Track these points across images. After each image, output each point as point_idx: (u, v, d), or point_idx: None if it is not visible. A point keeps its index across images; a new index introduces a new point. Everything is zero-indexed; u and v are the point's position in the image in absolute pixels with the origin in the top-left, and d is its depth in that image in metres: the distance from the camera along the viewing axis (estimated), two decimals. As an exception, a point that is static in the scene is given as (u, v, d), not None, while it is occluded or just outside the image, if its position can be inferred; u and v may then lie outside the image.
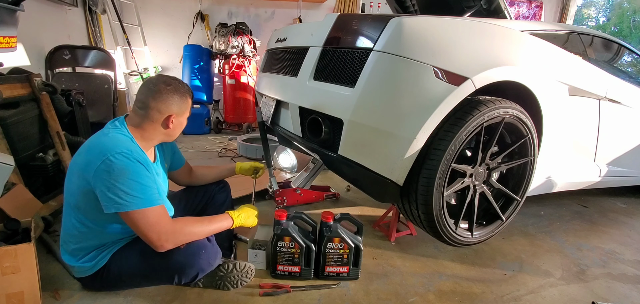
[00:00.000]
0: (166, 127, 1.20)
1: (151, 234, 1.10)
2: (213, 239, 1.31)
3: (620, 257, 1.86)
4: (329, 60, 1.50)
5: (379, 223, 1.97)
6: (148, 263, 1.20)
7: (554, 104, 1.69)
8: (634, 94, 2.16)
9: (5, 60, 2.06)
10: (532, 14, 5.49)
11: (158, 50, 4.73)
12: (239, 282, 1.35)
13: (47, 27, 3.18)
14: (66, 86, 2.47)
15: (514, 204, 1.74)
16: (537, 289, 1.51)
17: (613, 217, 2.45)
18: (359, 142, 1.40)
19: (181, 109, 1.21)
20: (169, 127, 1.21)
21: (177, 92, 1.19)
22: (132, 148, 1.12)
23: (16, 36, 1.92)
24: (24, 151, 1.78)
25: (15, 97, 1.76)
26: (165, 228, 1.11)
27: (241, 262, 1.35)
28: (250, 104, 4.53)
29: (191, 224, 1.20)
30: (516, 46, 1.55)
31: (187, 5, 4.67)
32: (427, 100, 1.31)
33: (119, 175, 1.04)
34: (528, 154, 1.66)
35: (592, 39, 2.13)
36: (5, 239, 1.26)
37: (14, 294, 1.13)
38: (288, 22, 4.94)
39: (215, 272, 1.32)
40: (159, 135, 1.22)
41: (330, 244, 1.40)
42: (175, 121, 1.21)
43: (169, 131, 1.22)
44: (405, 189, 1.48)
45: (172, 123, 1.20)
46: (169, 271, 1.21)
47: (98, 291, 1.30)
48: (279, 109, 1.91)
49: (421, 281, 1.50)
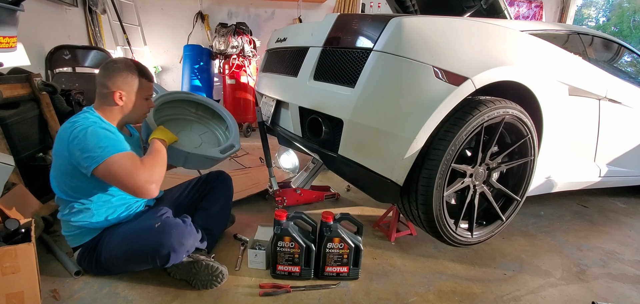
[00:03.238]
0: (116, 104, 1.27)
1: (134, 179, 1.15)
2: (188, 220, 1.34)
3: (620, 257, 1.86)
4: (329, 60, 1.50)
5: (379, 223, 1.97)
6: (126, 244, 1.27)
7: (554, 104, 1.69)
8: (634, 94, 2.16)
9: (5, 60, 2.06)
10: (532, 14, 5.49)
11: (158, 50, 4.73)
12: (209, 283, 1.33)
13: (47, 27, 3.18)
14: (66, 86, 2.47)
15: (514, 204, 1.74)
16: (537, 289, 1.51)
17: (613, 217, 2.45)
18: (359, 142, 1.40)
19: (129, 86, 1.27)
20: (118, 104, 1.27)
21: (123, 69, 1.27)
22: (96, 120, 1.23)
23: (16, 36, 1.92)
24: (24, 151, 1.77)
25: (15, 97, 1.76)
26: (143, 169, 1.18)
27: (214, 264, 1.33)
28: (250, 104, 4.53)
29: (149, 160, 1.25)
30: (516, 46, 1.55)
31: (187, 5, 4.67)
32: (427, 100, 1.31)
33: (87, 136, 1.15)
34: (528, 154, 1.66)
35: (592, 39, 2.13)
36: (5, 239, 1.26)
37: (14, 294, 1.12)
38: (288, 22, 4.94)
39: (189, 268, 1.32)
40: (116, 113, 1.30)
41: (330, 244, 1.40)
42: (126, 98, 1.28)
43: (122, 107, 1.29)
44: (405, 189, 1.48)
45: (121, 99, 1.27)
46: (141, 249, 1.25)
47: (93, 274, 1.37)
48: (279, 109, 1.91)
49: (421, 281, 1.50)
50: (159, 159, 1.27)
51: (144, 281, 1.36)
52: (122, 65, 1.28)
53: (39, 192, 1.79)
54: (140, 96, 1.31)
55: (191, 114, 1.82)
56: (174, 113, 1.77)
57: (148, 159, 1.25)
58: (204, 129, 1.83)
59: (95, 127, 1.17)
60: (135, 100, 1.30)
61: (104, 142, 1.15)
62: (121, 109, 1.30)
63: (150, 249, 1.24)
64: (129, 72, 1.27)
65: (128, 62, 1.31)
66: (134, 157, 1.19)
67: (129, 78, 1.27)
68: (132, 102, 1.30)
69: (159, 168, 1.25)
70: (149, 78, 1.33)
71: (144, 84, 1.31)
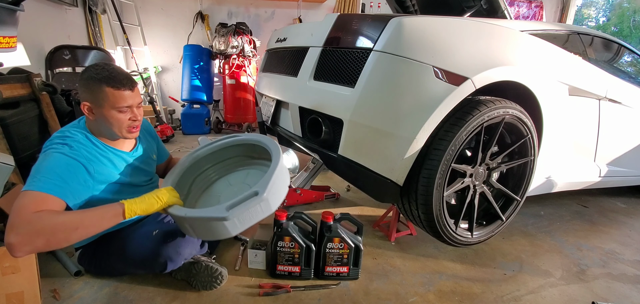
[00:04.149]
0: (91, 117, 1.15)
1: (10, 216, 0.91)
2: None
3: (620, 257, 1.86)
4: (329, 60, 1.50)
5: (379, 223, 1.97)
6: (125, 249, 1.25)
7: (554, 104, 1.69)
8: (634, 94, 2.16)
9: (5, 60, 2.06)
10: (532, 14, 5.48)
11: (158, 50, 4.73)
12: (209, 284, 1.33)
13: (47, 27, 3.18)
14: (66, 86, 2.47)
15: (514, 204, 1.74)
16: (537, 289, 1.51)
17: (613, 217, 2.45)
18: (359, 142, 1.40)
19: (95, 98, 1.11)
20: (91, 118, 1.15)
21: (88, 78, 1.12)
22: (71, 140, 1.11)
23: (16, 36, 1.92)
24: (24, 151, 1.77)
25: (15, 97, 1.76)
26: (24, 215, 0.91)
27: (214, 265, 1.33)
28: (250, 104, 4.53)
29: (58, 215, 0.96)
30: (516, 46, 1.55)
31: (187, 5, 4.67)
32: (427, 100, 1.31)
33: (46, 158, 1.05)
34: (528, 154, 1.66)
35: (592, 39, 2.13)
36: (5, 239, 1.26)
37: (14, 294, 1.13)
38: (288, 22, 4.93)
39: (190, 269, 1.32)
40: (95, 126, 1.18)
41: (330, 244, 1.40)
42: (96, 111, 1.13)
43: (99, 121, 1.14)
44: (405, 189, 1.48)
45: (91, 113, 1.13)
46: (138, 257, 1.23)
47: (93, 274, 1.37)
48: (279, 109, 1.91)
49: (421, 281, 1.50)
50: (77, 226, 0.97)
51: (144, 281, 1.36)
52: (89, 73, 1.13)
53: (39, 192, 1.79)
54: (108, 107, 1.12)
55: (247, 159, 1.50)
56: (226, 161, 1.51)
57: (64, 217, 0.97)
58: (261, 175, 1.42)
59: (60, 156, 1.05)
60: (104, 112, 1.13)
61: (43, 174, 1.00)
62: (97, 122, 1.16)
63: (149, 257, 1.24)
64: (93, 81, 1.11)
65: (98, 69, 1.13)
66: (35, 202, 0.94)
67: (93, 87, 1.11)
68: (102, 115, 1.13)
69: (58, 234, 0.94)
70: (117, 85, 1.12)
71: (110, 94, 1.11)
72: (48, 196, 0.98)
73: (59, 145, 1.10)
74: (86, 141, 1.16)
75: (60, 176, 1.03)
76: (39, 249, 0.94)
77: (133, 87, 1.18)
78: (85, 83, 1.12)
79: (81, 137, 1.16)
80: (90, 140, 1.17)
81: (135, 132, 1.23)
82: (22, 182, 1.69)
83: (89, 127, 1.20)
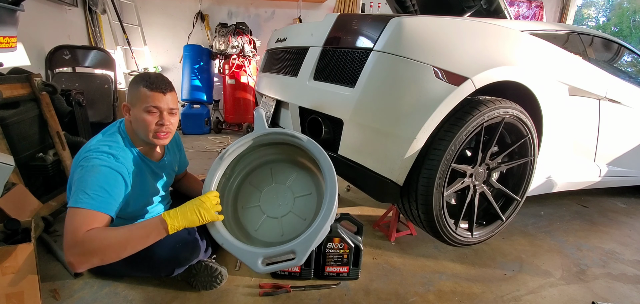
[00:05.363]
0: (127, 117, 1.21)
1: (66, 236, 0.99)
2: (194, 232, 1.29)
3: (620, 257, 1.86)
4: (329, 60, 1.50)
5: (379, 223, 1.97)
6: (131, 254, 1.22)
7: (554, 104, 1.69)
8: (634, 94, 2.16)
9: (5, 60, 2.06)
10: (532, 14, 5.48)
11: (158, 50, 4.73)
12: (209, 284, 1.33)
13: (47, 27, 3.18)
14: (66, 86, 2.47)
15: (514, 204, 1.74)
16: (537, 289, 1.51)
17: (613, 217, 2.45)
18: (359, 142, 1.40)
19: (132, 97, 1.18)
20: (127, 118, 1.22)
21: (132, 80, 1.20)
22: (116, 148, 1.16)
23: (16, 36, 1.92)
24: (24, 151, 1.77)
25: (15, 97, 1.76)
26: (79, 237, 0.98)
27: (214, 265, 1.33)
28: (250, 104, 4.53)
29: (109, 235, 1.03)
30: (516, 46, 1.55)
31: (187, 5, 4.67)
32: (427, 100, 1.31)
33: (90, 172, 1.07)
34: (528, 154, 1.66)
35: (592, 39, 2.13)
36: (5, 239, 1.26)
37: (14, 294, 1.13)
38: (288, 22, 4.94)
39: (190, 269, 1.32)
40: (130, 127, 1.23)
41: (330, 244, 1.40)
42: (132, 111, 1.18)
43: (133, 123, 1.20)
44: (405, 189, 1.47)
45: (128, 113, 1.20)
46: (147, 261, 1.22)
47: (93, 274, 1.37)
48: (279, 109, 1.91)
49: (421, 281, 1.50)
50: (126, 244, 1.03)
51: (144, 281, 1.37)
52: (136, 75, 1.22)
53: (39, 192, 1.80)
54: (140, 107, 1.16)
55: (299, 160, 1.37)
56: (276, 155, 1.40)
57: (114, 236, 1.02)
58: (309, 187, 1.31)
59: (98, 167, 1.08)
60: (136, 112, 1.17)
61: (91, 189, 1.04)
62: (131, 124, 1.21)
63: (156, 263, 1.23)
64: (135, 81, 1.19)
65: (145, 73, 1.22)
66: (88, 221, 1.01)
67: (133, 87, 1.18)
68: (135, 115, 1.18)
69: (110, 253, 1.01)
70: (151, 86, 1.16)
71: (143, 93, 1.15)
72: (97, 214, 1.04)
73: (104, 154, 1.12)
74: (126, 149, 1.21)
75: (107, 191, 1.07)
76: (95, 265, 1.02)
77: (166, 91, 1.19)
78: (130, 84, 1.20)
79: (122, 144, 1.20)
80: (128, 147, 1.22)
81: (163, 138, 1.22)
82: (22, 182, 1.70)
83: (126, 129, 1.24)
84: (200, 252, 1.30)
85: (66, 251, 0.99)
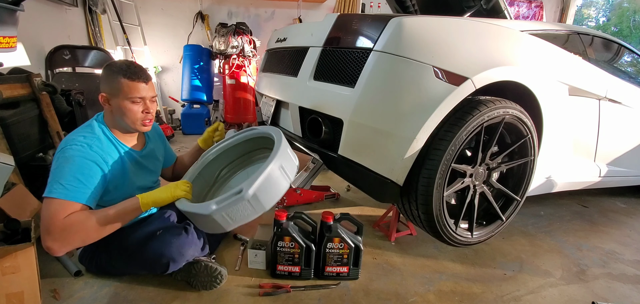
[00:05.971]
0: (107, 108, 1.23)
1: (42, 224, 1.05)
2: (191, 229, 1.32)
3: (620, 257, 1.86)
4: (329, 60, 1.50)
5: (379, 223, 1.97)
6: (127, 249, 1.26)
7: (554, 104, 1.69)
8: (634, 94, 2.16)
9: (5, 60, 2.06)
10: (532, 14, 5.48)
11: (158, 50, 4.73)
12: (208, 284, 1.33)
13: (47, 27, 3.18)
14: (66, 86, 2.47)
15: (514, 204, 1.74)
16: (537, 289, 1.51)
17: (613, 217, 2.45)
18: (359, 142, 1.40)
19: (112, 88, 1.20)
20: (107, 108, 1.24)
21: (108, 70, 1.21)
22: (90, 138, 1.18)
23: (16, 36, 1.91)
24: (24, 151, 1.77)
25: (15, 97, 1.76)
26: (57, 223, 1.04)
27: (214, 265, 1.33)
28: (250, 104, 4.53)
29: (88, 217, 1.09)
30: (516, 46, 1.55)
31: (187, 5, 4.67)
32: (427, 100, 1.31)
33: (66, 162, 1.10)
34: (528, 154, 1.66)
35: (592, 39, 2.13)
36: (5, 239, 1.26)
37: (14, 294, 1.13)
38: (288, 22, 4.93)
39: (190, 269, 1.32)
40: (111, 119, 1.25)
41: (330, 244, 1.40)
42: (113, 102, 1.21)
43: (115, 113, 1.22)
44: (405, 189, 1.47)
45: (107, 103, 1.22)
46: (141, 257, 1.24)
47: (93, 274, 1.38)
48: (279, 109, 1.91)
49: (421, 281, 1.50)
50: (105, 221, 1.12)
51: (144, 281, 1.36)
52: (109, 66, 1.22)
53: (39, 192, 1.78)
54: (122, 97, 1.20)
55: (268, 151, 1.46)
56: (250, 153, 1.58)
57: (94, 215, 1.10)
58: None
59: (74, 157, 1.10)
60: (119, 102, 1.20)
61: (65, 180, 1.07)
62: (112, 114, 1.24)
63: (150, 258, 1.24)
64: (111, 72, 1.20)
65: (118, 62, 1.23)
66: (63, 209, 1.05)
67: (110, 78, 1.20)
68: (118, 105, 1.21)
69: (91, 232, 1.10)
70: (132, 77, 1.20)
71: (125, 84, 1.19)
72: (70, 203, 1.07)
73: (79, 145, 1.14)
74: (103, 136, 1.22)
75: (80, 180, 1.10)
76: (76, 246, 1.09)
77: (147, 81, 1.25)
78: (105, 74, 1.21)
79: (99, 132, 1.22)
80: (107, 135, 1.24)
81: (149, 125, 1.30)
82: (22, 182, 1.69)
83: (106, 121, 1.26)
84: (192, 244, 1.29)
85: (44, 236, 1.04)
